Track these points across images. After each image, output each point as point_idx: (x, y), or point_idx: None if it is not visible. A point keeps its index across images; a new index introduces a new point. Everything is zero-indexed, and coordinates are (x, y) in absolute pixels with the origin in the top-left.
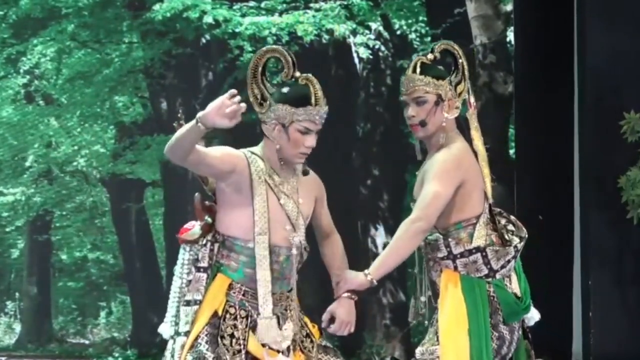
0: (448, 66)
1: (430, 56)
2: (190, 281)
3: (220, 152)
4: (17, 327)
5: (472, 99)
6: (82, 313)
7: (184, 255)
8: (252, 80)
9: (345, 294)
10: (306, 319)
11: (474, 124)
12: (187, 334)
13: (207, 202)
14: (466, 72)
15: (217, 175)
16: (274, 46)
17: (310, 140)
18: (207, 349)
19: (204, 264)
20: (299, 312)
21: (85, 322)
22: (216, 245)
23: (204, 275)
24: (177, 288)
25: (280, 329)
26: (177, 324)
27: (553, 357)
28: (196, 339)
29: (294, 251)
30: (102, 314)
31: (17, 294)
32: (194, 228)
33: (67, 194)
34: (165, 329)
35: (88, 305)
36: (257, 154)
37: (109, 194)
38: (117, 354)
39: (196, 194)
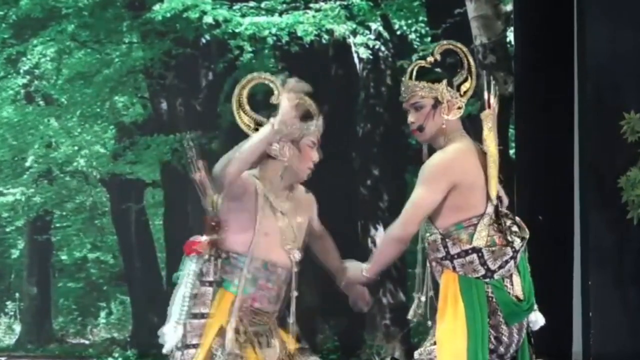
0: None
1: (430, 59)
2: (196, 294)
3: None
4: (17, 327)
5: (492, 99)
6: (82, 313)
7: (190, 265)
8: (238, 110)
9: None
10: (282, 332)
11: (488, 124)
12: (195, 346)
13: (216, 220)
14: (472, 70)
15: (235, 194)
16: (256, 74)
17: (316, 154)
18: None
19: (209, 277)
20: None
21: (85, 322)
22: (219, 261)
23: (210, 289)
24: (182, 296)
25: (269, 345)
26: (184, 335)
27: (553, 357)
28: (209, 349)
29: (295, 269)
30: (102, 314)
31: (17, 294)
32: (201, 243)
33: (67, 194)
34: (169, 337)
35: (88, 305)
36: (256, 177)
37: (109, 194)
38: (117, 354)
39: (207, 212)
